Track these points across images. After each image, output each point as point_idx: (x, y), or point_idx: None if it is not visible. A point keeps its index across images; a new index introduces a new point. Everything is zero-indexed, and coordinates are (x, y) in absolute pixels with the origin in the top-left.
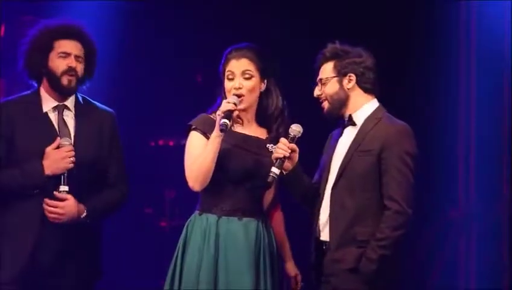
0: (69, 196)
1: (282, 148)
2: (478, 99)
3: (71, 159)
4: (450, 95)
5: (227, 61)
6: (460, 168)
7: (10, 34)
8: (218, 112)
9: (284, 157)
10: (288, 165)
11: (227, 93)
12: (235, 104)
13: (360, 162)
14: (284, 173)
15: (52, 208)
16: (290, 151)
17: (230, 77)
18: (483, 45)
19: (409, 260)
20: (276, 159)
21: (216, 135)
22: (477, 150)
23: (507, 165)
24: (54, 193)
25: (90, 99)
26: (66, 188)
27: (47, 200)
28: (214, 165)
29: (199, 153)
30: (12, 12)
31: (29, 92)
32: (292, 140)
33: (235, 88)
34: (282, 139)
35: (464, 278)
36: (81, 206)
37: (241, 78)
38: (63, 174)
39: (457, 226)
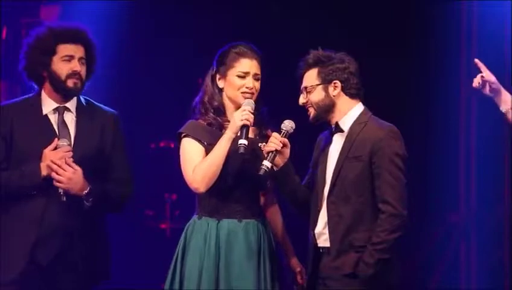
0: (78, 168)
1: (274, 141)
2: (479, 101)
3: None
4: (450, 96)
5: (237, 57)
6: (460, 171)
7: (12, 36)
8: (239, 116)
9: (276, 150)
10: (279, 160)
11: (234, 90)
12: (251, 112)
13: (351, 169)
14: (275, 168)
15: (61, 170)
16: (281, 145)
17: (241, 75)
18: (484, 45)
19: (410, 264)
20: (268, 152)
21: (229, 137)
22: (477, 153)
23: (508, 169)
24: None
25: (94, 102)
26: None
27: (58, 162)
28: (221, 166)
29: (202, 156)
30: (13, 15)
31: (31, 94)
32: (284, 135)
33: (247, 87)
34: (275, 133)
35: (464, 282)
36: (86, 183)
37: (252, 78)
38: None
39: (457, 230)
